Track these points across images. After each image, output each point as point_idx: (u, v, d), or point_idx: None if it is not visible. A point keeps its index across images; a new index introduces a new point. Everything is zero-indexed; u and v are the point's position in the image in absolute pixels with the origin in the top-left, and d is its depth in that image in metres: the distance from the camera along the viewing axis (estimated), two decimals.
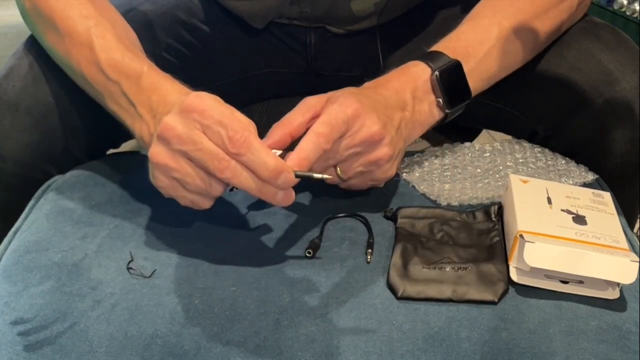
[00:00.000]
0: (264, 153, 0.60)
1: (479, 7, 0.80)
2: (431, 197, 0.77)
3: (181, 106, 0.61)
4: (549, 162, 0.81)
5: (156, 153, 0.62)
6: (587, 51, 0.82)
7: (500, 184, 0.78)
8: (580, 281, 0.64)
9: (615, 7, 1.82)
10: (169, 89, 0.67)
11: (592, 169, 0.81)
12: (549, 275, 0.64)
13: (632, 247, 0.69)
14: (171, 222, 0.72)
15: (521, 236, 0.64)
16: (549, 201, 0.70)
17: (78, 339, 0.59)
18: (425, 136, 0.80)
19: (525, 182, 0.73)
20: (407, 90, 0.73)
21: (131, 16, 0.89)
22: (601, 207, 0.70)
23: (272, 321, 0.61)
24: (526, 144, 0.84)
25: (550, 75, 0.83)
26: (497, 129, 0.96)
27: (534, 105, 0.86)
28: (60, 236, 0.70)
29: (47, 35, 0.75)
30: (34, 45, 0.80)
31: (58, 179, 0.79)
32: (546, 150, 0.83)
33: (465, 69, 0.75)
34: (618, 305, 0.63)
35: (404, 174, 0.80)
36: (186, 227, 0.72)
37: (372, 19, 0.93)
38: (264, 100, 1.03)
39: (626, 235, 0.68)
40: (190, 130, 0.60)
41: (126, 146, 0.90)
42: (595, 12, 1.84)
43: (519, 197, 0.70)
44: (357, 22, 0.93)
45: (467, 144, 0.85)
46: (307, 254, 0.68)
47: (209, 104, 0.60)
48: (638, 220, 1.00)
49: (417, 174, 0.80)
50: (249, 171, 0.60)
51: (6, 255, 0.69)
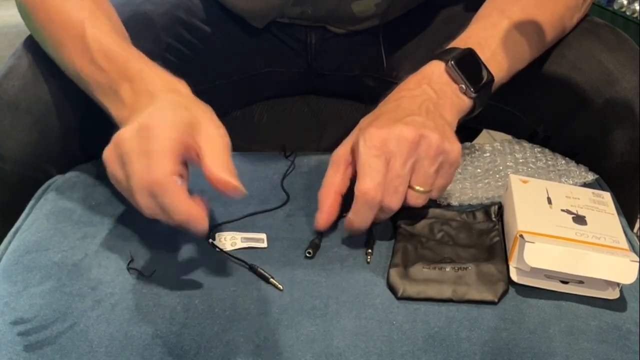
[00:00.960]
0: (177, 200, 0.59)
1: (485, 9, 0.80)
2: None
3: (140, 123, 0.61)
4: (549, 162, 0.81)
5: (108, 152, 0.62)
6: (587, 51, 0.82)
7: (500, 184, 0.78)
8: (580, 281, 0.64)
9: (615, 7, 1.82)
10: (152, 77, 0.67)
11: (592, 169, 0.81)
12: (549, 275, 0.64)
13: (632, 247, 0.69)
14: None
15: (521, 236, 0.64)
16: (549, 201, 0.70)
17: (78, 339, 0.59)
18: None
19: (525, 182, 0.73)
20: (423, 84, 0.73)
21: (131, 16, 0.89)
22: (601, 207, 0.70)
23: (272, 321, 0.61)
24: (526, 144, 0.84)
25: (550, 75, 0.83)
26: (497, 129, 0.96)
27: (534, 105, 0.86)
28: (60, 236, 0.70)
29: (41, 27, 0.75)
30: (33, 45, 0.80)
31: (58, 179, 0.79)
32: (546, 150, 0.83)
33: (482, 58, 0.75)
34: (618, 305, 0.63)
35: None
36: None
37: (373, 19, 0.93)
38: (264, 100, 1.03)
39: (626, 235, 0.68)
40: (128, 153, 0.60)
41: None
42: (595, 12, 1.84)
43: (519, 197, 0.70)
44: (358, 23, 0.93)
45: (467, 144, 0.85)
46: (307, 254, 0.68)
47: (158, 133, 0.59)
48: (638, 220, 1.00)
49: None
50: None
51: (6, 255, 0.69)
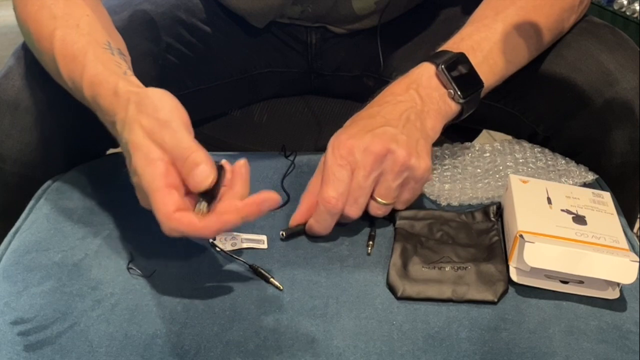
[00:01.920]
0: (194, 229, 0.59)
1: (480, 10, 0.80)
2: (431, 197, 0.77)
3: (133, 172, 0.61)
4: (549, 162, 0.81)
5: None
6: (587, 51, 0.82)
7: (500, 184, 0.78)
8: (580, 281, 0.64)
9: (615, 7, 1.82)
10: (127, 114, 0.63)
11: (592, 169, 0.81)
12: (549, 275, 0.64)
13: (632, 247, 0.69)
14: None
15: (521, 236, 0.64)
16: (549, 201, 0.70)
17: (78, 339, 0.59)
18: None
19: (525, 182, 0.73)
20: (411, 89, 0.73)
21: (131, 16, 0.89)
22: (601, 207, 0.70)
23: (272, 321, 0.61)
24: (526, 144, 0.84)
25: (550, 75, 0.83)
26: (497, 129, 0.96)
27: (534, 105, 0.86)
28: (60, 236, 0.70)
29: (30, 40, 0.76)
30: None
31: (58, 179, 0.79)
32: (546, 150, 0.83)
33: (473, 62, 0.75)
34: (618, 305, 0.63)
35: None
36: None
37: (373, 18, 0.93)
38: (264, 100, 1.03)
39: (626, 235, 0.68)
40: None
41: None
42: (595, 12, 1.84)
43: (519, 197, 0.70)
44: (358, 21, 0.93)
45: (467, 144, 0.85)
46: (281, 236, 0.70)
47: (138, 141, 0.60)
48: (638, 220, 1.00)
49: None
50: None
51: (6, 255, 0.69)
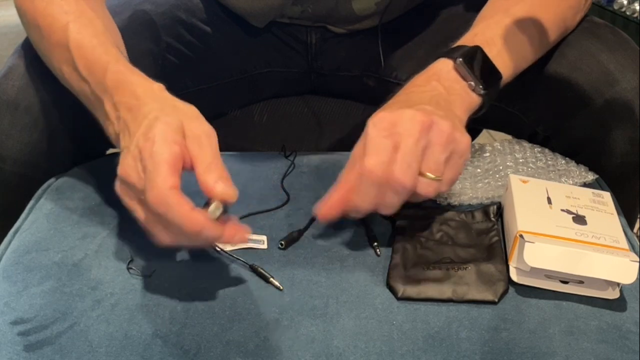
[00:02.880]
0: (183, 213, 0.58)
1: (488, 8, 0.80)
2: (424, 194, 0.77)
3: (133, 150, 0.61)
4: (549, 162, 0.81)
5: (119, 189, 0.63)
6: (587, 51, 0.82)
7: (500, 184, 0.78)
8: (580, 281, 0.64)
9: (615, 7, 1.82)
10: (130, 85, 0.66)
11: (592, 169, 0.81)
12: (549, 275, 0.64)
13: (632, 247, 0.69)
14: None
15: (521, 236, 0.64)
16: (549, 201, 0.70)
17: (78, 339, 0.59)
18: None
19: (525, 182, 0.73)
20: (432, 80, 0.72)
21: (131, 16, 0.89)
22: (601, 207, 0.70)
23: (272, 321, 0.61)
24: (526, 144, 0.84)
25: (550, 75, 0.83)
26: (497, 129, 0.96)
27: (534, 105, 0.86)
28: (60, 236, 0.70)
29: (32, 34, 0.76)
30: (32, 45, 0.80)
31: (58, 179, 0.79)
32: (546, 150, 0.83)
33: (490, 55, 0.74)
34: (618, 305, 0.63)
35: None
36: None
37: (373, 18, 0.93)
38: (264, 100, 1.03)
39: (626, 235, 0.68)
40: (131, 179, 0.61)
41: None
42: (595, 12, 1.84)
43: (519, 197, 0.70)
44: (358, 22, 0.93)
45: None
46: (280, 245, 0.69)
47: (152, 154, 0.59)
48: (638, 220, 1.00)
49: None
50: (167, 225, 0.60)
51: (6, 255, 0.69)
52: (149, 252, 0.68)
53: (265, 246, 0.70)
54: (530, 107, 0.86)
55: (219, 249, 0.68)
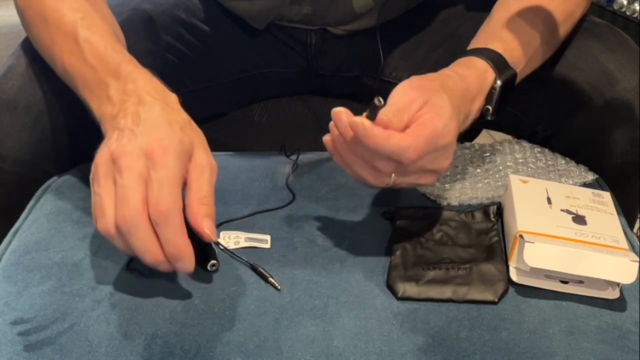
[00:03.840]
0: (180, 234, 0.58)
1: (518, 19, 0.78)
2: (431, 197, 0.77)
3: (141, 144, 0.59)
4: (549, 162, 0.81)
5: (101, 160, 0.60)
6: (587, 51, 0.82)
7: (500, 184, 0.78)
8: (580, 281, 0.64)
9: (615, 7, 1.82)
10: (143, 81, 0.65)
11: (592, 169, 0.81)
12: (549, 275, 0.64)
13: (632, 247, 0.69)
14: None
15: (521, 236, 0.64)
16: (549, 201, 0.70)
17: (78, 339, 0.59)
18: None
19: (525, 182, 0.73)
20: (471, 80, 0.71)
21: (131, 15, 0.89)
22: (601, 207, 0.70)
23: (272, 321, 0.61)
24: (526, 144, 0.84)
25: (550, 75, 0.83)
26: (497, 129, 0.96)
27: (534, 105, 0.86)
28: (60, 236, 0.70)
29: (34, 24, 0.75)
30: (32, 45, 0.80)
31: (58, 179, 0.79)
32: (546, 150, 0.83)
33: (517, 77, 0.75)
34: (618, 305, 0.63)
35: None
36: None
37: (372, 16, 0.93)
38: (263, 100, 1.03)
39: (626, 235, 0.68)
40: (133, 170, 0.58)
41: None
42: (595, 12, 1.84)
43: (519, 197, 0.70)
44: (357, 20, 0.93)
45: (467, 144, 0.85)
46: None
47: (166, 161, 0.58)
48: (638, 220, 1.00)
49: None
50: (154, 237, 0.58)
51: (6, 255, 0.69)
52: None
53: (268, 245, 0.70)
54: (530, 107, 0.87)
55: (222, 247, 0.68)
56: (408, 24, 0.96)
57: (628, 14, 1.79)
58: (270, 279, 0.65)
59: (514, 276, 0.65)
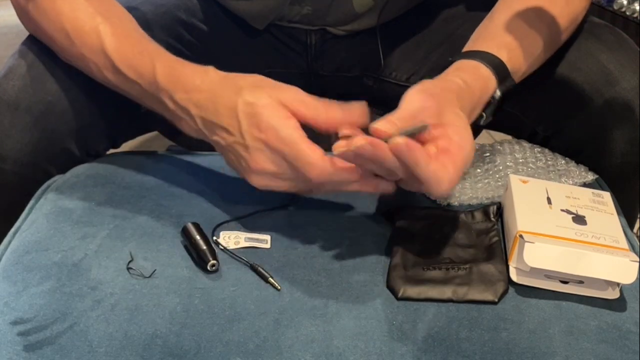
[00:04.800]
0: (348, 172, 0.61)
1: (523, 24, 0.78)
2: (431, 197, 0.77)
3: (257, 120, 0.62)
4: (549, 162, 0.81)
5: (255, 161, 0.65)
6: (587, 51, 0.82)
7: (500, 184, 0.78)
8: (580, 281, 0.64)
9: (615, 7, 1.82)
10: (186, 80, 0.67)
11: (592, 169, 0.81)
12: (549, 275, 0.64)
13: (632, 247, 0.69)
14: (171, 222, 0.72)
15: (521, 236, 0.64)
16: (549, 201, 0.70)
17: (78, 339, 0.59)
18: None
19: (525, 182, 0.73)
20: (477, 89, 0.72)
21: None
22: (601, 207, 0.70)
23: (272, 321, 0.61)
24: (526, 144, 0.84)
25: (550, 75, 0.83)
26: (497, 129, 0.96)
27: (534, 105, 0.86)
28: (60, 236, 0.70)
29: (57, 39, 0.76)
30: (33, 45, 0.80)
31: (58, 179, 0.79)
32: (546, 150, 0.83)
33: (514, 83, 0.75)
34: (618, 305, 0.63)
35: None
36: None
37: (372, 16, 0.93)
38: None
39: (626, 235, 0.68)
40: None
41: (126, 146, 0.90)
42: (595, 12, 1.84)
43: (519, 197, 0.70)
44: (357, 20, 0.93)
45: None
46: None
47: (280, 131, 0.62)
48: (638, 220, 1.00)
49: None
50: None
51: (6, 255, 0.69)
52: (149, 252, 0.68)
53: (268, 245, 0.70)
54: (530, 107, 0.86)
55: (222, 247, 0.68)
56: (408, 24, 0.96)
57: (628, 14, 1.79)
58: (270, 279, 0.65)
59: (514, 276, 0.65)
